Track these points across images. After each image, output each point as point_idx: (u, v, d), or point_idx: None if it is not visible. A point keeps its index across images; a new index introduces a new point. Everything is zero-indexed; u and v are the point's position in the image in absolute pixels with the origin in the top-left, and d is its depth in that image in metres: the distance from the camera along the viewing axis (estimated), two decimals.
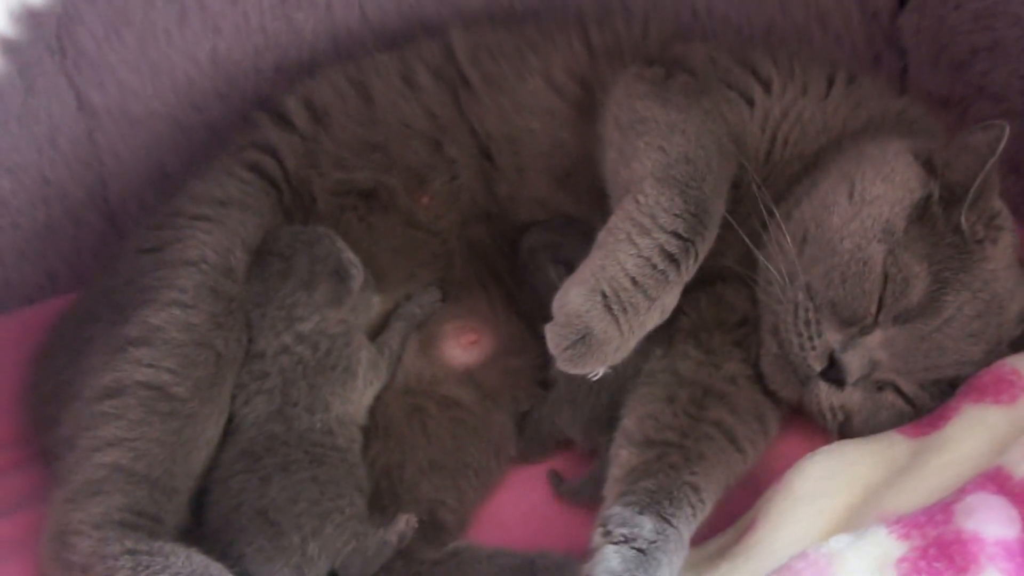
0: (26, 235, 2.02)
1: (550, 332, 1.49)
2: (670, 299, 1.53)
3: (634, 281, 1.49)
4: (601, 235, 1.55)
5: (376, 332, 1.83)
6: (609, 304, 1.48)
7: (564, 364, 1.50)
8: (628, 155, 1.65)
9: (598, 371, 1.50)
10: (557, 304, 1.50)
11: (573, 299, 1.49)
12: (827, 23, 2.20)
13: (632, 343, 1.51)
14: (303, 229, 1.80)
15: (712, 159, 1.62)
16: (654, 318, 1.52)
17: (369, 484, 1.69)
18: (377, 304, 1.81)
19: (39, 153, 1.96)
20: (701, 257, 1.56)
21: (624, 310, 1.49)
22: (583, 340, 1.48)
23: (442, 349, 1.86)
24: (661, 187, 1.56)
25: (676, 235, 1.53)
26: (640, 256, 1.51)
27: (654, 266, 1.51)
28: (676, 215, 1.54)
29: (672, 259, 1.52)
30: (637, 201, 1.55)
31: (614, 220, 1.55)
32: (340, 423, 1.70)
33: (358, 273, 1.76)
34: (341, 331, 1.74)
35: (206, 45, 1.97)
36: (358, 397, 1.73)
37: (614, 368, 1.53)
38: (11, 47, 1.82)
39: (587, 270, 1.51)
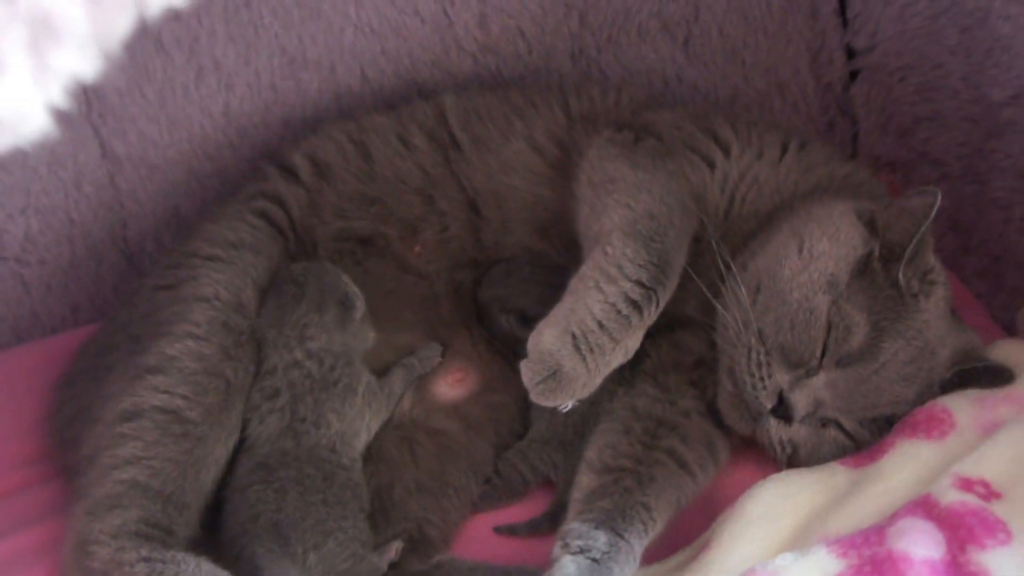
0: (51, 270, 2.08)
1: (524, 368, 1.58)
2: (633, 341, 1.61)
3: (601, 325, 1.57)
4: (572, 282, 1.63)
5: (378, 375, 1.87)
6: (578, 344, 1.56)
7: (536, 397, 1.58)
8: (599, 210, 1.73)
9: (567, 404, 1.59)
10: (531, 343, 1.58)
11: (546, 339, 1.57)
12: (786, 92, 2.30)
13: (598, 380, 1.59)
14: (314, 263, 1.88)
15: (674, 216, 1.70)
16: (618, 358, 1.60)
17: (368, 502, 1.74)
18: (372, 339, 1.87)
19: (65, 196, 2.03)
20: (662, 304, 1.63)
21: (591, 350, 1.57)
22: (554, 376, 1.56)
23: (431, 385, 1.91)
24: (627, 240, 1.64)
25: (640, 284, 1.61)
26: (607, 302, 1.59)
27: (619, 311, 1.59)
28: (640, 266, 1.62)
29: (635, 306, 1.60)
30: (605, 252, 1.63)
31: (584, 269, 1.64)
32: (341, 441, 1.76)
33: (360, 304, 1.85)
34: (344, 351, 1.82)
35: (220, 100, 2.04)
36: (357, 416, 1.79)
37: (581, 402, 1.60)
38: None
39: (559, 313, 1.59)
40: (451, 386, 1.92)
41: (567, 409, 1.61)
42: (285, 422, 1.77)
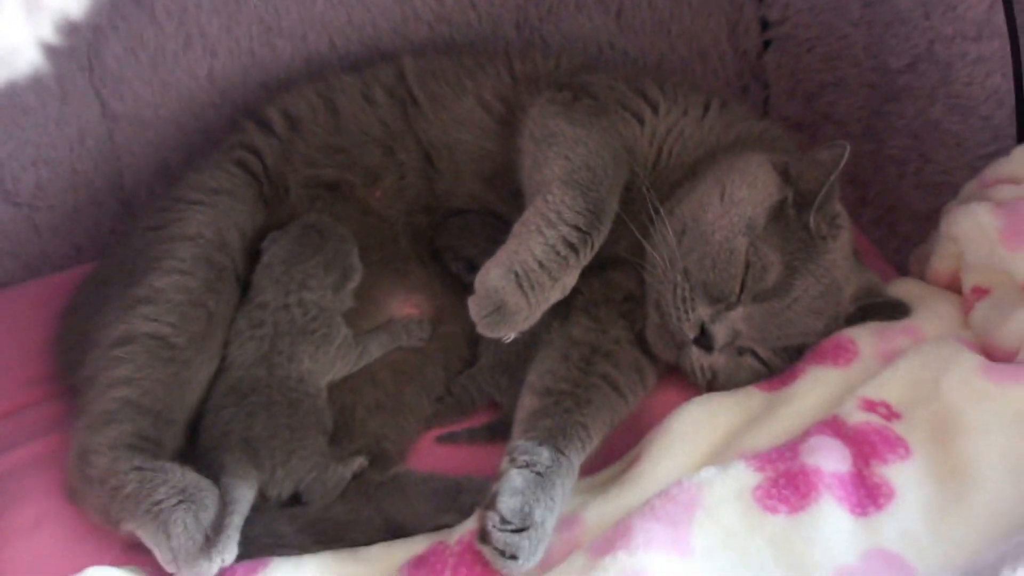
0: (58, 215, 2.03)
1: (472, 303, 1.53)
2: (570, 279, 1.57)
3: (541, 264, 1.52)
4: (516, 226, 1.58)
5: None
6: (520, 282, 1.51)
7: (482, 329, 1.53)
8: (540, 162, 1.68)
9: (510, 335, 1.54)
10: (479, 280, 1.53)
11: (492, 277, 1.52)
12: (706, 59, 2.24)
13: (538, 314, 1.54)
14: (338, 227, 1.82)
15: (608, 167, 1.66)
16: (556, 294, 1.56)
17: (331, 424, 1.71)
18: (349, 305, 1.80)
19: (70, 150, 1.97)
20: (597, 246, 1.59)
21: (532, 287, 1.52)
22: (498, 310, 1.51)
23: (390, 317, 1.86)
24: (565, 189, 1.59)
25: (576, 228, 1.56)
26: (546, 244, 1.54)
27: (558, 253, 1.54)
28: (577, 212, 1.57)
29: (573, 248, 1.55)
30: (546, 200, 1.58)
31: (527, 214, 1.59)
32: (309, 376, 1.70)
33: (358, 278, 1.80)
34: (329, 308, 1.76)
35: (205, 65, 1.98)
36: (327, 362, 1.73)
37: (522, 333, 1.56)
38: (53, 56, 1.83)
39: (503, 254, 1.54)
40: (407, 317, 1.86)
41: (509, 340, 1.56)
42: (262, 352, 1.71)
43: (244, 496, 1.52)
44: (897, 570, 1.31)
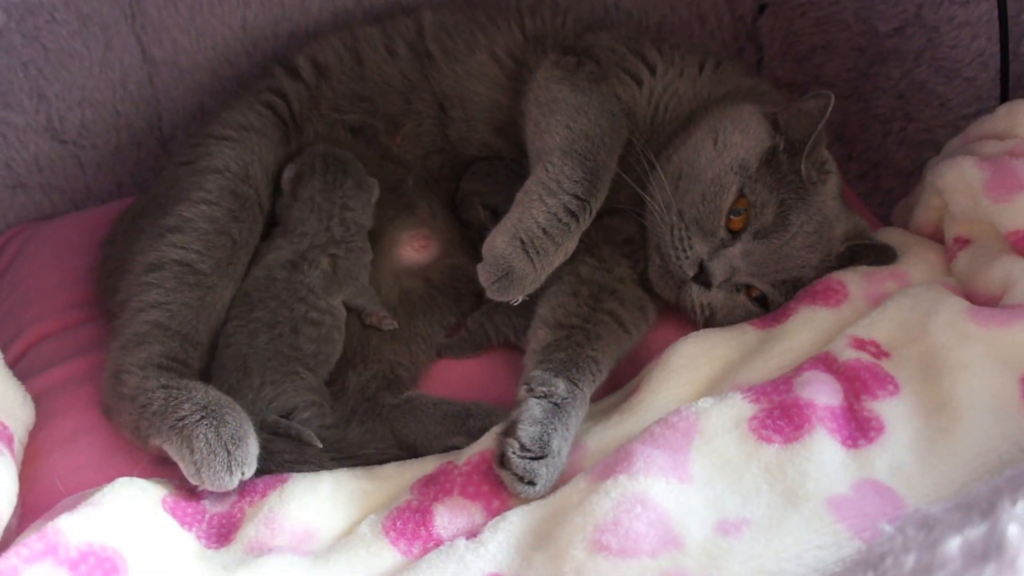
0: (102, 153, 1.96)
1: (481, 270, 1.46)
2: (571, 243, 1.50)
3: (544, 231, 1.45)
4: (519, 195, 1.50)
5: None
6: (526, 248, 1.45)
7: (492, 294, 1.46)
8: (542, 128, 1.60)
9: (518, 298, 1.47)
10: (486, 248, 1.46)
11: (499, 244, 1.45)
12: (704, 21, 2.13)
13: (543, 277, 1.48)
14: (342, 152, 1.73)
15: (606, 134, 1.57)
16: (560, 258, 1.49)
17: (338, 354, 1.62)
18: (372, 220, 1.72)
19: (113, 92, 1.90)
20: (595, 211, 1.52)
21: (537, 252, 1.45)
22: (506, 276, 1.44)
23: (400, 251, 1.77)
24: (565, 159, 1.52)
25: (576, 196, 1.49)
26: (549, 212, 1.47)
27: (559, 220, 1.47)
28: (576, 181, 1.50)
29: (573, 214, 1.48)
30: (547, 169, 1.51)
31: (529, 183, 1.51)
32: (324, 287, 1.61)
33: (376, 190, 1.71)
34: (363, 224, 1.68)
35: (239, 15, 1.90)
36: (345, 276, 1.63)
37: (530, 295, 1.49)
38: (95, 10, 1.78)
39: (509, 222, 1.47)
40: (416, 251, 1.76)
41: (518, 303, 1.48)
42: (291, 256, 1.61)
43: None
44: (887, 500, 1.22)
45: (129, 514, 1.28)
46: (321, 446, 1.47)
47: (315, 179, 1.67)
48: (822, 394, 1.34)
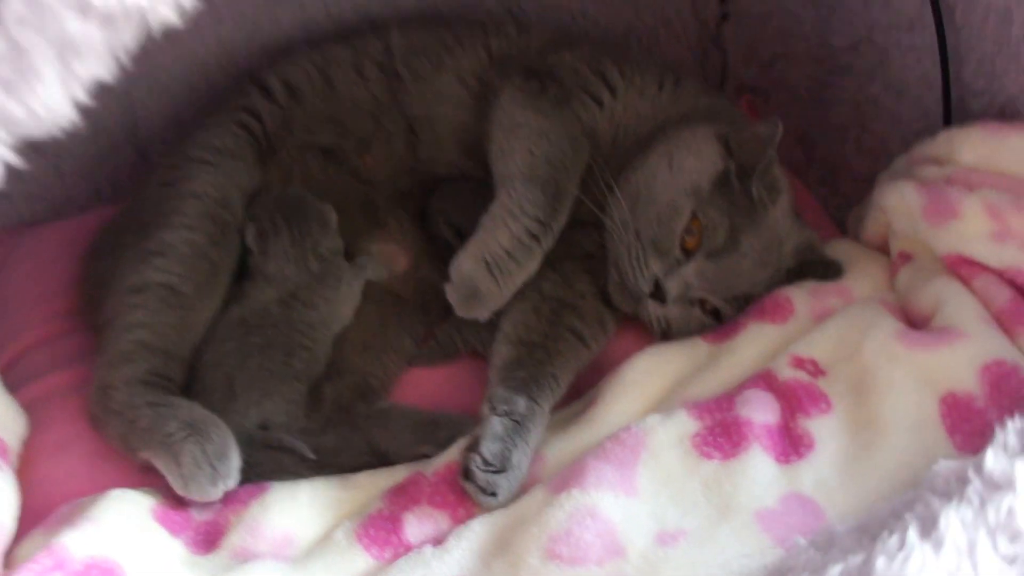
0: (81, 162, 2.02)
1: (449, 290, 1.56)
2: (534, 264, 1.59)
3: (508, 253, 1.55)
4: (484, 218, 1.58)
5: None
6: (491, 269, 1.54)
7: (460, 311, 1.57)
8: (506, 152, 1.68)
9: (484, 315, 1.58)
10: (454, 270, 1.56)
11: (465, 266, 1.55)
12: (670, 27, 2.20)
13: (508, 295, 1.58)
14: (286, 193, 1.79)
15: (568, 158, 1.65)
16: (523, 277, 1.58)
17: (320, 369, 1.71)
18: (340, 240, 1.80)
19: (90, 103, 1.88)
20: (557, 232, 1.60)
21: (502, 273, 1.55)
22: (473, 296, 1.55)
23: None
24: (528, 184, 1.60)
25: (538, 220, 1.57)
26: (512, 235, 1.56)
27: (522, 242, 1.56)
28: (538, 206, 1.58)
29: (535, 237, 1.57)
30: (510, 195, 1.59)
31: (494, 207, 1.59)
32: (321, 323, 1.71)
33: (333, 216, 1.77)
34: (335, 250, 1.77)
35: (213, 31, 1.94)
36: (339, 301, 1.73)
37: (495, 313, 1.59)
38: None
39: (475, 245, 1.56)
40: (386, 264, 1.85)
41: (485, 320, 1.59)
42: (280, 295, 1.71)
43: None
44: (810, 514, 1.32)
45: (123, 526, 1.38)
46: (315, 457, 1.58)
47: (282, 236, 1.73)
48: (760, 412, 1.43)
